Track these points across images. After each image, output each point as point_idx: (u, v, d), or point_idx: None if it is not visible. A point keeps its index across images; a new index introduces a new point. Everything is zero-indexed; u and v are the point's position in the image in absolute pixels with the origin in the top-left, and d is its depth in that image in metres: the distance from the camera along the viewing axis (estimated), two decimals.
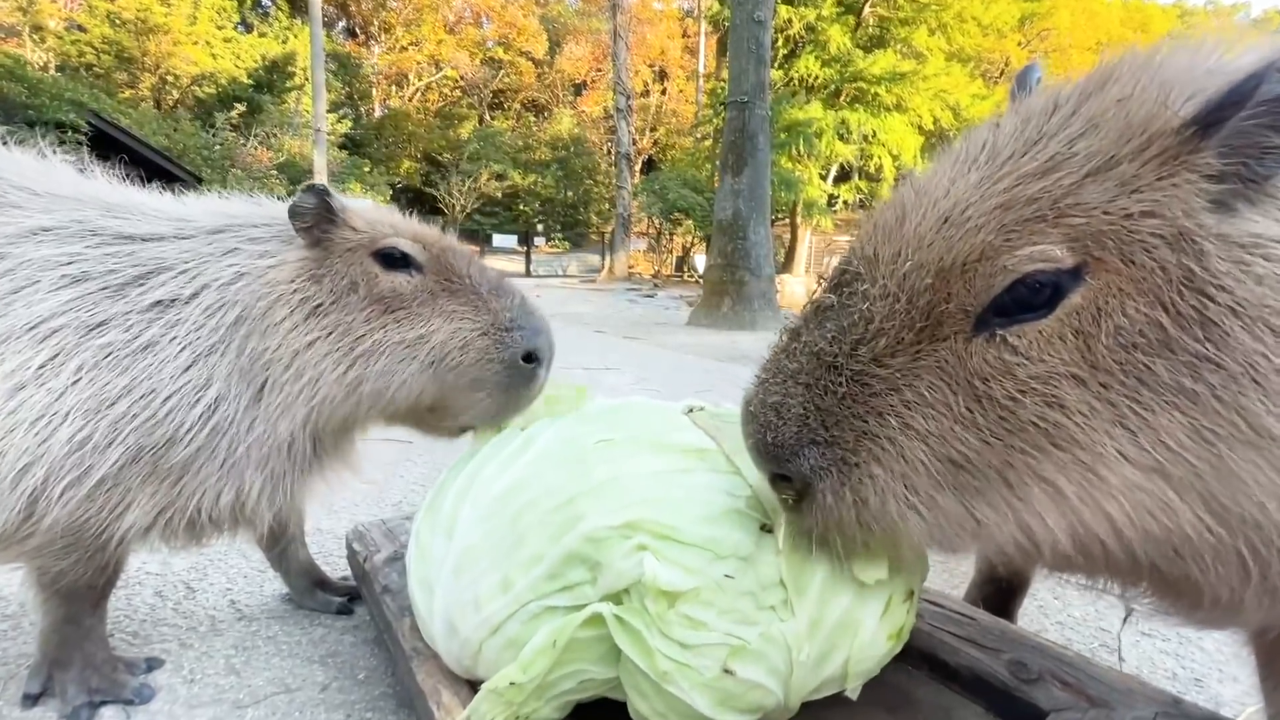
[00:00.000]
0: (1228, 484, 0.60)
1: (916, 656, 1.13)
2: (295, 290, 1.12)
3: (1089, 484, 0.63)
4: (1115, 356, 0.61)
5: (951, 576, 1.87)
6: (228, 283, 1.13)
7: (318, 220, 1.15)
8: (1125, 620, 1.60)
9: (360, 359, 1.11)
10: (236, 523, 1.18)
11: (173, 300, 1.12)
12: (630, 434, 0.93)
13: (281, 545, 1.52)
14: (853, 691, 0.89)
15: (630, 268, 24.96)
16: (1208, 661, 1.49)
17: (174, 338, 1.09)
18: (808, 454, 0.71)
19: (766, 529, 0.83)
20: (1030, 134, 0.69)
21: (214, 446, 1.09)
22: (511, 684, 0.78)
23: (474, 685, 0.92)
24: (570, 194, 32.84)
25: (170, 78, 24.25)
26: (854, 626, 0.83)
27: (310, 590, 1.55)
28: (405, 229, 1.23)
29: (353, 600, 1.55)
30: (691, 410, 1.09)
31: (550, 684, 0.80)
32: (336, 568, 1.73)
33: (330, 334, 1.11)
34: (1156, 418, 0.60)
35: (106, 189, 1.27)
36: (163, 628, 1.45)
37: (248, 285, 1.13)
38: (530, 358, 1.15)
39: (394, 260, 1.16)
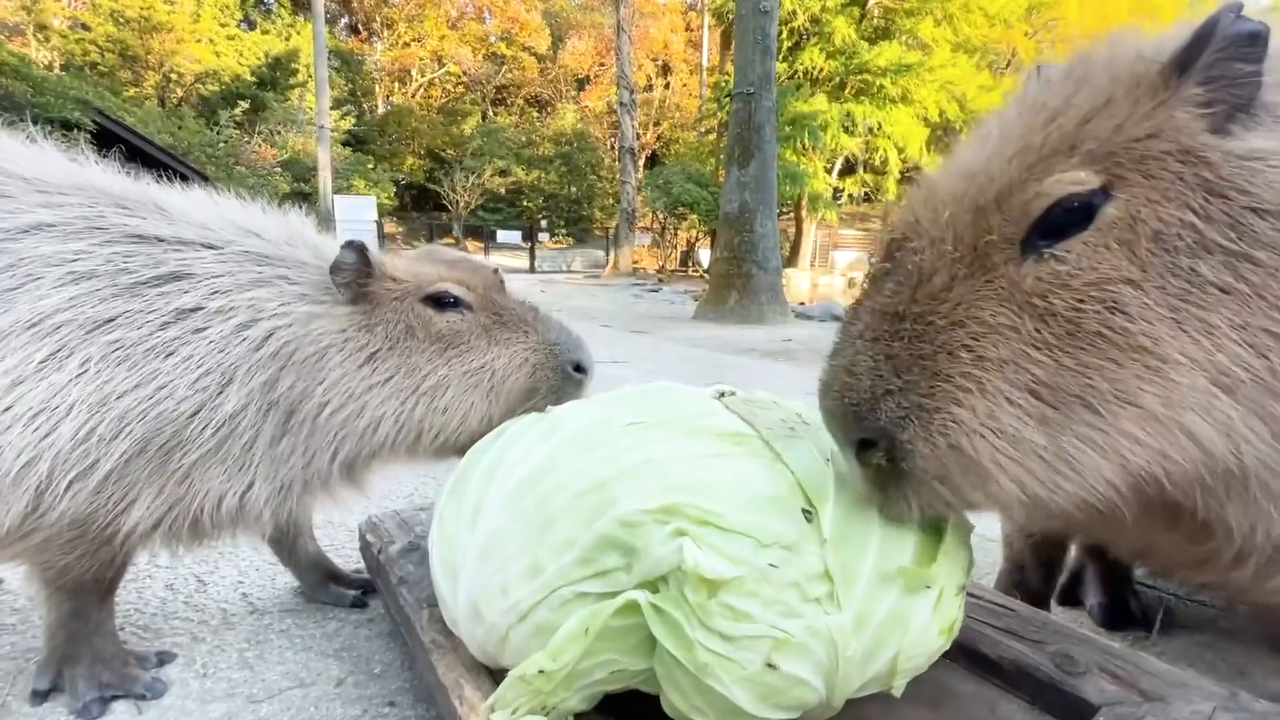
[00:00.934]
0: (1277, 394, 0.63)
1: (955, 649, 1.08)
2: (348, 339, 1.18)
3: (1167, 393, 0.64)
4: (1160, 259, 0.65)
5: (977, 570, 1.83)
6: (268, 317, 1.15)
7: (357, 275, 1.20)
8: (1160, 615, 1.55)
9: (426, 395, 1.19)
10: (236, 525, 1.18)
11: (196, 309, 1.12)
12: (662, 417, 0.89)
13: (290, 540, 1.49)
14: (897, 689, 0.85)
15: (635, 263, 24.88)
16: (1246, 654, 1.44)
17: (195, 346, 1.10)
18: (884, 406, 0.70)
19: (809, 517, 0.79)
20: (1031, 103, 0.75)
21: (223, 454, 1.11)
22: (540, 671, 0.74)
23: (496, 677, 0.88)
24: (574, 189, 32.76)
25: (174, 75, 24.30)
26: (904, 621, 0.79)
27: (322, 584, 1.51)
28: (447, 273, 1.31)
29: (366, 593, 1.52)
30: (723, 395, 1.05)
31: (580, 673, 0.76)
32: (349, 560, 1.69)
33: (392, 377, 1.18)
34: (1209, 316, 0.63)
35: (113, 180, 1.24)
36: (174, 621, 1.41)
37: (289, 325, 1.15)
38: (579, 368, 1.29)
39: (446, 303, 1.25)
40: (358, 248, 1.20)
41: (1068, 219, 0.67)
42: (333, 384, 1.15)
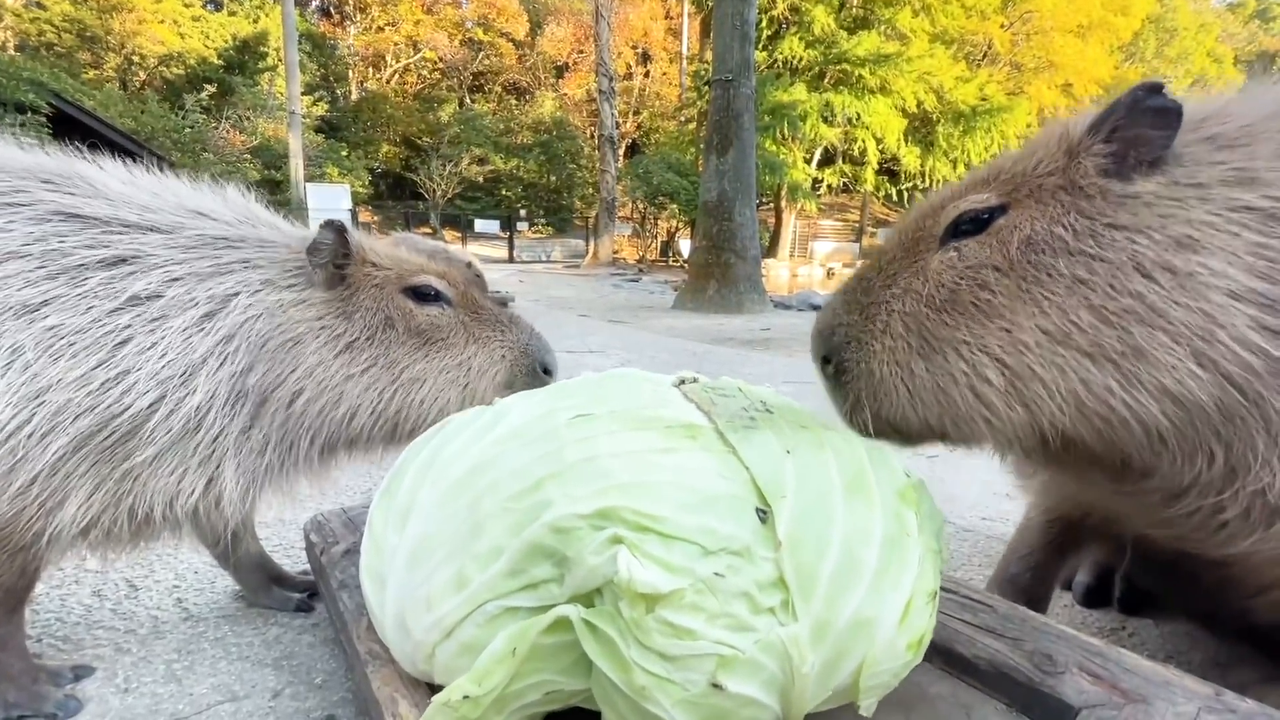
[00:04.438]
0: (1148, 362, 0.80)
1: (930, 648, 1.02)
2: (324, 327, 1.14)
3: (1015, 348, 0.85)
4: (1026, 256, 0.87)
5: (953, 560, 1.79)
6: (238, 310, 1.08)
7: (334, 256, 1.16)
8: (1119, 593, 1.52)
9: (403, 388, 1.18)
10: (192, 522, 1.12)
11: (153, 297, 1.04)
12: (611, 408, 0.80)
13: (229, 541, 1.38)
14: (867, 709, 0.77)
15: (615, 252, 24.67)
16: (1220, 645, 1.41)
17: (155, 335, 1.02)
18: (839, 330, 1.00)
19: (764, 517, 0.71)
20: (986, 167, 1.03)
21: (187, 448, 1.04)
22: (465, 697, 0.66)
23: (435, 692, 0.80)
24: (553, 178, 32.35)
25: (136, 58, 23.43)
26: (868, 629, 0.71)
27: (265, 587, 1.41)
28: (429, 265, 1.30)
29: (313, 596, 1.43)
30: (683, 382, 0.97)
31: (511, 696, 0.68)
32: (299, 561, 1.60)
33: (370, 367, 1.16)
34: (1062, 299, 0.83)
35: (36, 157, 1.14)
36: (98, 631, 1.31)
37: (259, 316, 1.10)
38: (547, 370, 1.33)
39: (427, 296, 1.24)
40: (337, 228, 1.15)
41: (971, 226, 0.94)
42: (308, 371, 1.11)
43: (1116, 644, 1.02)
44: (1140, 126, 0.85)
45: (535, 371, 1.30)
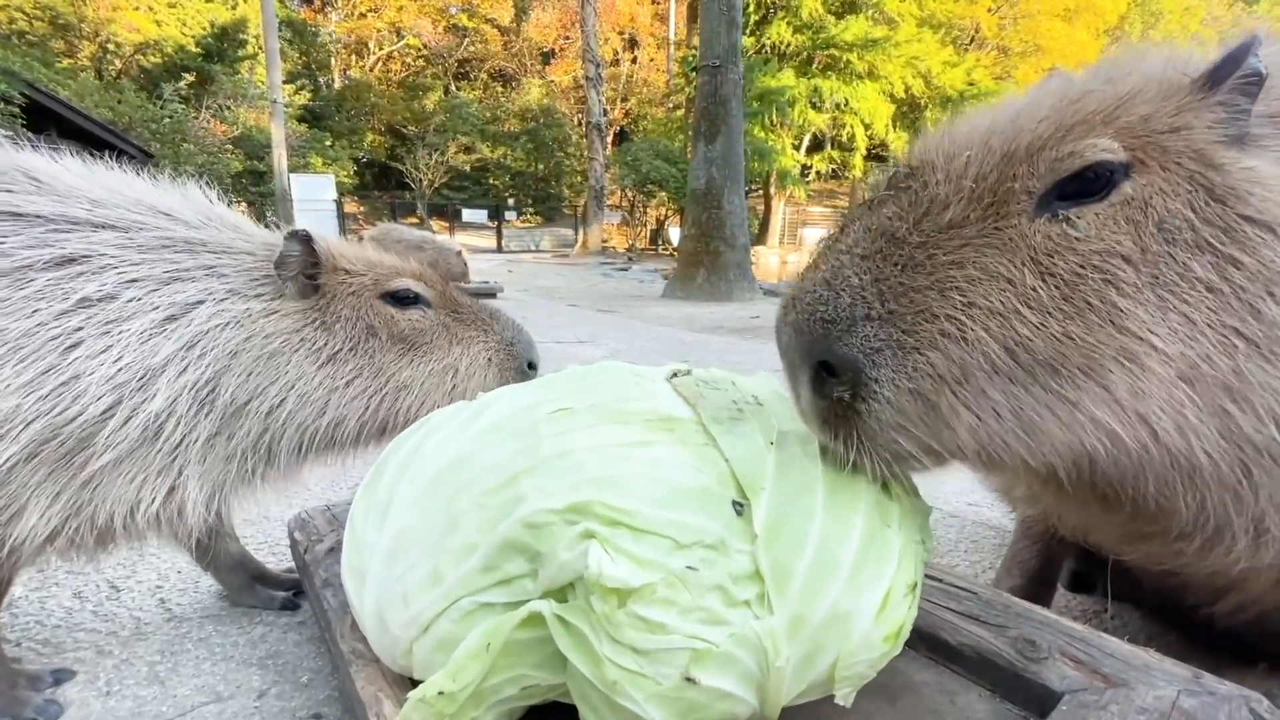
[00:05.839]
0: (1238, 399, 0.65)
1: (914, 636, 1.03)
2: (303, 339, 1.12)
3: (1138, 381, 0.64)
4: (1159, 247, 0.66)
5: (939, 547, 1.80)
6: (202, 320, 1.05)
7: (303, 267, 1.13)
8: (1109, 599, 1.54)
9: (390, 396, 1.17)
10: (155, 530, 1.08)
11: (108, 299, 1.00)
12: (592, 402, 0.80)
13: (207, 542, 1.37)
14: (845, 698, 0.76)
15: (604, 241, 24.56)
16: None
17: (111, 339, 0.98)
18: (861, 330, 0.68)
19: (740, 510, 0.71)
20: (1056, 88, 0.79)
21: (146, 455, 1.00)
22: (441, 693, 0.66)
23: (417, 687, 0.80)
24: (541, 166, 32.08)
25: (111, 46, 22.88)
26: (845, 623, 0.71)
27: (248, 586, 1.40)
28: (404, 266, 1.27)
29: (298, 594, 1.41)
30: (676, 375, 0.96)
31: (487, 691, 0.68)
32: (285, 559, 1.58)
33: (356, 378, 1.14)
34: (1191, 311, 0.65)
35: None
36: (79, 634, 1.29)
37: (225, 325, 1.06)
38: (532, 365, 1.31)
39: (407, 300, 1.22)
40: (302, 238, 1.12)
41: (1089, 186, 0.68)
42: (288, 384, 1.09)
43: (1099, 627, 1.03)
44: (1241, 92, 0.68)
45: (521, 370, 1.29)
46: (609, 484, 0.67)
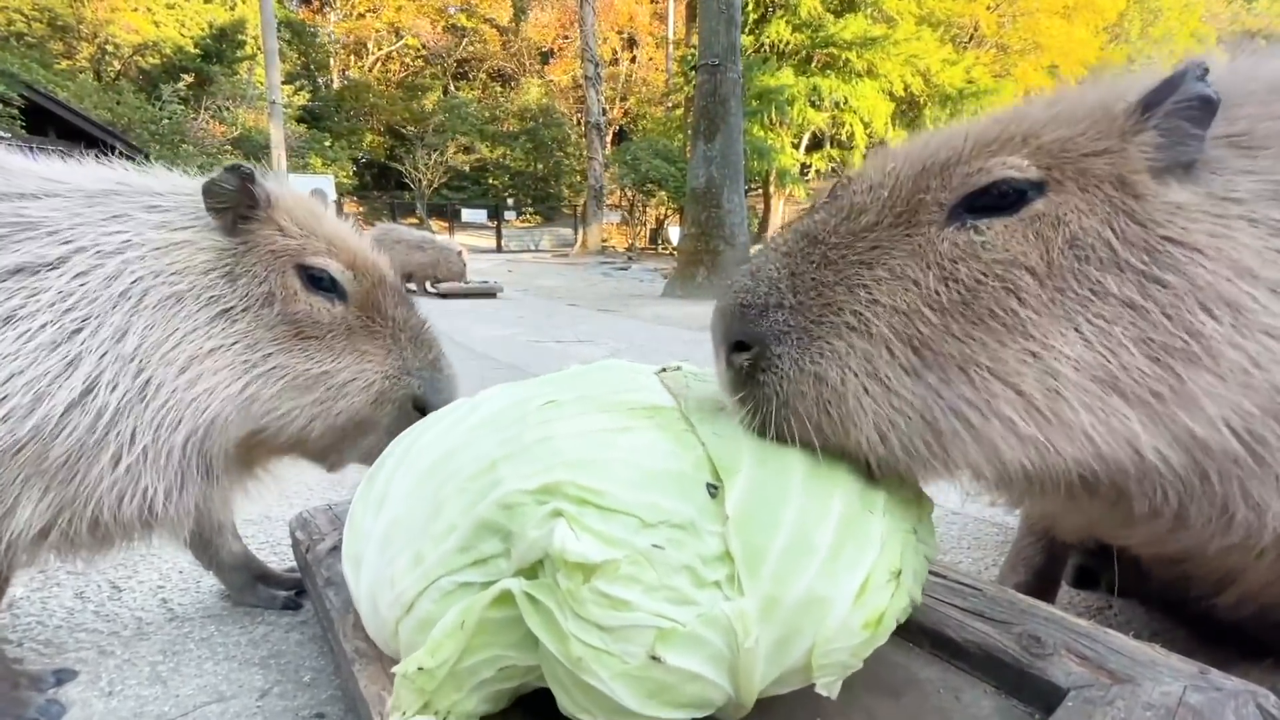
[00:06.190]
0: (1186, 407, 0.67)
1: (918, 632, 1.03)
2: (208, 285, 1.00)
3: (1049, 382, 0.67)
4: (1069, 263, 0.69)
5: (941, 544, 1.80)
6: (111, 251, 0.95)
7: (236, 204, 1.03)
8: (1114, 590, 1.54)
9: (257, 379, 1.00)
10: (149, 528, 1.02)
11: (38, 266, 0.92)
12: (580, 394, 0.81)
13: (208, 540, 1.36)
14: (827, 687, 0.75)
15: (604, 241, 24.55)
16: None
17: (37, 310, 0.90)
18: (772, 315, 0.74)
19: (714, 493, 0.70)
20: (1001, 113, 0.82)
21: (101, 442, 0.91)
22: (420, 669, 0.67)
23: None
24: (540, 166, 32.08)
25: (110, 47, 22.88)
26: (821, 607, 0.69)
27: (250, 585, 1.40)
28: (344, 245, 1.11)
29: (300, 594, 1.41)
30: (665, 370, 0.96)
31: (465, 671, 0.69)
32: (287, 558, 1.58)
33: (235, 344, 1.00)
34: (1110, 326, 0.67)
35: None
36: (80, 634, 1.29)
37: (142, 258, 0.97)
38: (420, 407, 1.10)
39: (319, 282, 1.07)
40: (243, 173, 1.02)
41: (999, 201, 0.72)
42: (181, 336, 0.96)
43: (1104, 623, 1.03)
44: (1187, 119, 0.69)
45: (406, 409, 1.09)
46: (583, 466, 0.68)
